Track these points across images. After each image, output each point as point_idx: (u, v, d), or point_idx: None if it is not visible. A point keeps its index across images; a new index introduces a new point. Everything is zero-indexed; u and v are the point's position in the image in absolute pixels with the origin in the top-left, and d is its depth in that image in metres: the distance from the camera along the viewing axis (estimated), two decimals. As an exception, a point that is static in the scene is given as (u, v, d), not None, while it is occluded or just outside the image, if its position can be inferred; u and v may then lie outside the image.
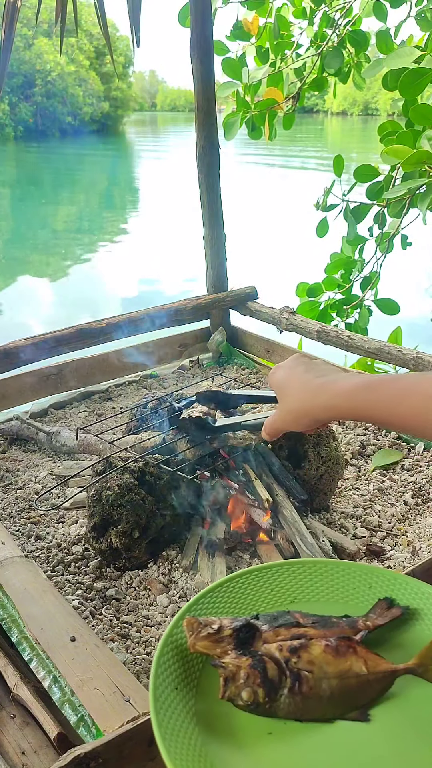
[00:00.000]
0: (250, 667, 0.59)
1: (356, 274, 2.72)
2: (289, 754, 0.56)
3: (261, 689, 0.58)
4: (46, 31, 25.92)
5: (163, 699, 0.59)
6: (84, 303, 6.70)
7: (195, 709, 0.59)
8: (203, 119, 2.28)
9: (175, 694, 0.60)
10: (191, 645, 0.63)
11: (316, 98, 4.28)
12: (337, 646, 0.63)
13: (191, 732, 0.57)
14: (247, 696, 0.58)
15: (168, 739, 0.54)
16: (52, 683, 0.94)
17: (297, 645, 0.62)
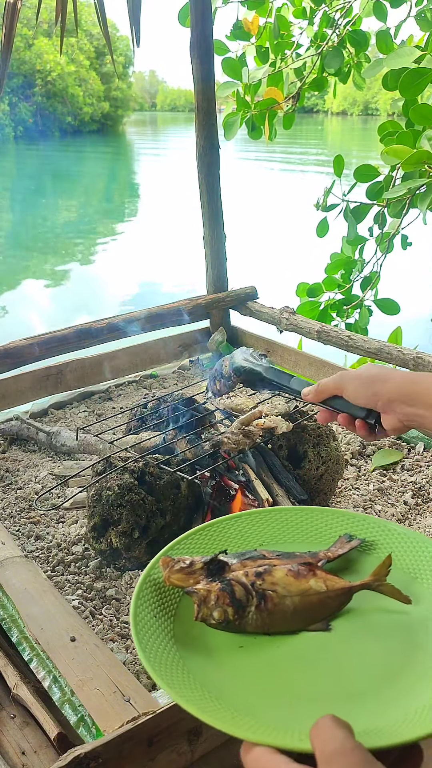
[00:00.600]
0: (220, 590, 0.66)
1: (356, 274, 2.72)
2: (258, 662, 0.63)
3: (230, 608, 0.66)
4: (46, 31, 25.92)
5: (143, 624, 0.65)
6: (83, 303, 6.70)
7: (173, 632, 0.66)
8: (203, 119, 2.28)
9: (154, 620, 0.66)
10: (166, 578, 0.69)
11: (316, 98, 4.28)
12: (298, 570, 0.70)
13: (170, 650, 0.63)
14: (219, 615, 0.66)
15: (150, 655, 0.60)
16: (52, 683, 0.94)
17: (261, 570, 0.70)
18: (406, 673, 0.61)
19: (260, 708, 0.57)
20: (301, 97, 2.94)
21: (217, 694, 0.59)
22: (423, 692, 0.58)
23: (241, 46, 2.92)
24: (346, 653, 0.64)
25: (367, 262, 2.69)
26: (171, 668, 0.60)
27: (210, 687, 0.59)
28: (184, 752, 0.92)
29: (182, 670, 0.60)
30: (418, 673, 0.60)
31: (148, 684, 1.08)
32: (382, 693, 0.59)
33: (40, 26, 19.77)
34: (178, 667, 0.61)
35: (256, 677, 0.61)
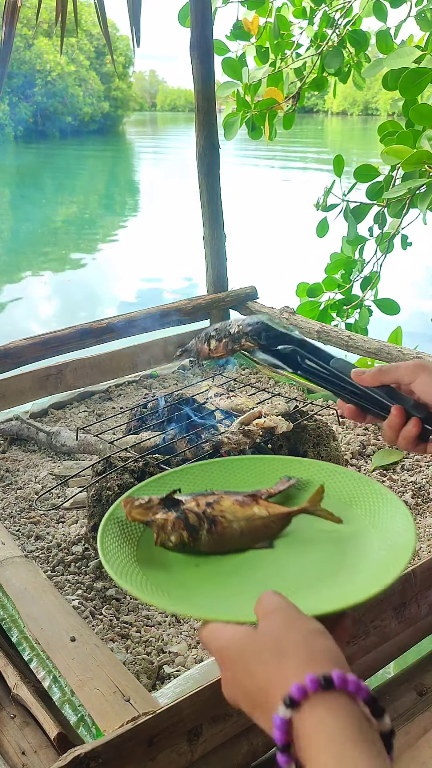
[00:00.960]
0: (176, 518, 0.76)
1: (356, 274, 2.72)
2: (211, 573, 0.74)
3: (185, 532, 0.75)
4: (46, 31, 25.90)
5: (109, 550, 0.74)
6: (83, 303, 6.70)
7: (137, 557, 0.75)
8: (203, 119, 2.28)
9: (118, 548, 0.76)
10: (127, 513, 0.78)
11: (316, 98, 4.28)
12: (243, 500, 0.81)
13: (134, 569, 0.72)
14: (175, 538, 0.75)
15: (115, 569, 0.70)
16: (52, 683, 0.94)
17: (211, 500, 0.80)
18: (338, 571, 0.71)
19: (213, 600, 0.68)
20: (301, 97, 2.94)
21: (175, 594, 0.69)
22: (350, 581, 0.68)
23: (241, 46, 2.92)
24: (287, 561, 0.75)
25: (367, 262, 2.69)
26: (136, 581, 0.70)
27: (170, 591, 0.69)
28: (184, 752, 0.92)
29: (145, 581, 0.70)
30: (348, 571, 0.71)
31: (149, 684, 1.08)
32: (317, 586, 0.69)
33: (40, 26, 19.76)
34: (141, 579, 0.70)
35: (210, 582, 0.72)
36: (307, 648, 0.51)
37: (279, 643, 0.52)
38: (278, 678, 0.50)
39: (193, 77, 2.24)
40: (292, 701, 0.46)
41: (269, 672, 0.51)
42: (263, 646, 0.53)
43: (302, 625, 0.53)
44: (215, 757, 0.98)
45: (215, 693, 0.92)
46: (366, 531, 0.77)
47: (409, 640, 1.27)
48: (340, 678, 0.47)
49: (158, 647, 1.17)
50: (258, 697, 0.51)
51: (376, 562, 0.70)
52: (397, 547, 0.71)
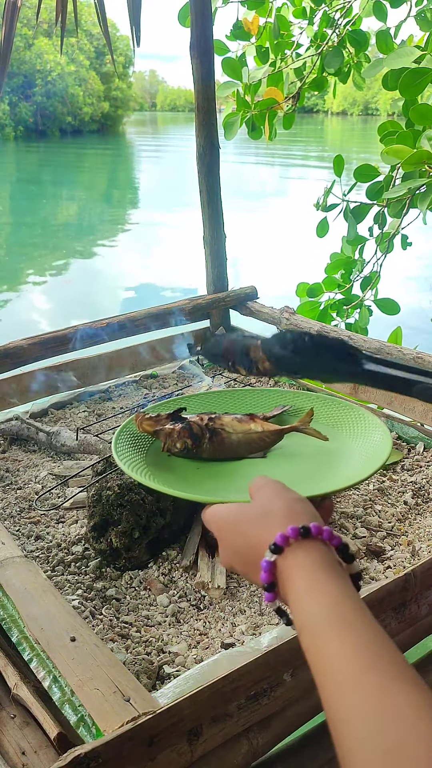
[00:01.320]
0: (181, 428, 0.87)
1: (356, 274, 2.72)
2: (211, 474, 0.85)
3: (189, 439, 0.86)
4: (46, 31, 25.92)
5: (122, 453, 0.85)
6: (84, 303, 6.70)
7: (145, 461, 0.87)
8: (203, 119, 2.28)
9: (130, 453, 0.86)
10: (138, 425, 0.89)
11: (316, 98, 4.27)
12: (241, 417, 0.92)
13: (143, 468, 0.83)
14: (180, 445, 0.86)
15: (128, 466, 0.82)
16: (52, 683, 0.94)
17: (213, 416, 0.91)
18: (321, 472, 0.81)
19: (211, 490, 0.79)
20: (301, 97, 2.94)
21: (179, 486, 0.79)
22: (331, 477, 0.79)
23: (241, 46, 2.92)
24: (278, 467, 0.86)
25: (367, 262, 2.69)
26: (145, 476, 0.81)
27: (174, 484, 0.79)
28: (184, 752, 0.92)
29: (153, 477, 0.81)
30: (330, 472, 0.81)
31: (149, 684, 1.08)
32: (303, 482, 0.77)
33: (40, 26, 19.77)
34: (149, 476, 0.82)
35: (209, 479, 0.83)
36: (290, 509, 0.60)
37: (266, 508, 0.61)
38: (266, 534, 0.58)
39: (193, 77, 2.24)
40: (276, 547, 0.56)
41: (258, 531, 0.60)
42: (253, 513, 0.62)
43: (286, 494, 0.63)
44: (215, 757, 0.98)
45: (215, 693, 0.92)
46: (348, 445, 0.88)
47: (409, 640, 1.27)
48: (316, 528, 0.56)
49: (158, 647, 1.17)
50: (249, 555, 0.60)
51: (355, 464, 0.81)
52: (374, 454, 0.81)
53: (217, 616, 1.24)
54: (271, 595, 0.57)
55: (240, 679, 0.95)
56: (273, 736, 1.07)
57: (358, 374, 0.72)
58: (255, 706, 1.02)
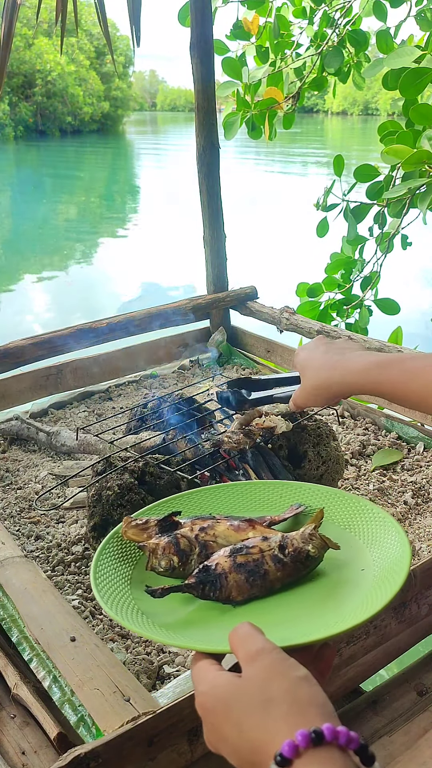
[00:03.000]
0: (167, 542, 0.75)
1: (356, 274, 2.72)
2: (200, 602, 0.72)
3: (175, 557, 0.75)
4: (46, 31, 25.92)
5: (102, 570, 0.75)
6: (84, 302, 6.70)
7: (131, 578, 0.75)
8: (203, 119, 2.28)
9: (115, 566, 0.77)
10: (123, 532, 0.79)
11: (316, 98, 4.27)
12: (238, 525, 0.79)
13: (125, 591, 0.73)
14: (165, 563, 0.75)
15: (103, 592, 0.71)
16: (52, 683, 0.94)
17: (205, 525, 0.78)
18: (326, 600, 0.70)
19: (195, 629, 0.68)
20: (301, 97, 2.94)
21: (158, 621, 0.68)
22: (336, 610, 0.67)
23: (241, 45, 2.92)
24: (281, 593, 0.73)
25: (367, 262, 2.69)
26: (121, 602, 0.70)
27: (154, 617, 0.69)
28: (184, 752, 0.92)
29: (131, 604, 0.70)
30: (336, 599, 0.69)
31: (149, 684, 1.08)
32: (304, 616, 0.68)
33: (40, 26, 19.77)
34: (128, 602, 0.71)
35: (197, 609, 0.71)
36: (295, 698, 0.49)
37: (264, 693, 0.50)
38: (267, 734, 0.48)
39: (193, 77, 2.24)
40: (284, 759, 0.45)
41: (256, 725, 0.49)
42: (249, 697, 0.50)
43: (288, 672, 0.51)
44: (215, 757, 0.98)
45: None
46: (362, 557, 0.75)
47: (409, 640, 1.27)
48: (330, 732, 0.45)
49: (158, 647, 1.17)
50: (247, 755, 0.50)
51: (365, 591, 0.69)
52: (388, 577, 0.69)
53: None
54: None
55: (240, 679, 0.95)
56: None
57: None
58: (255, 706, 1.02)
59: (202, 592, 0.71)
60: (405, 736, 1.07)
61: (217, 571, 0.71)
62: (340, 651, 1.08)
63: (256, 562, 0.72)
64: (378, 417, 1.96)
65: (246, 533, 0.77)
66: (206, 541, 0.76)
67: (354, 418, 2.01)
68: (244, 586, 0.71)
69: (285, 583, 0.73)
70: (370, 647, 1.14)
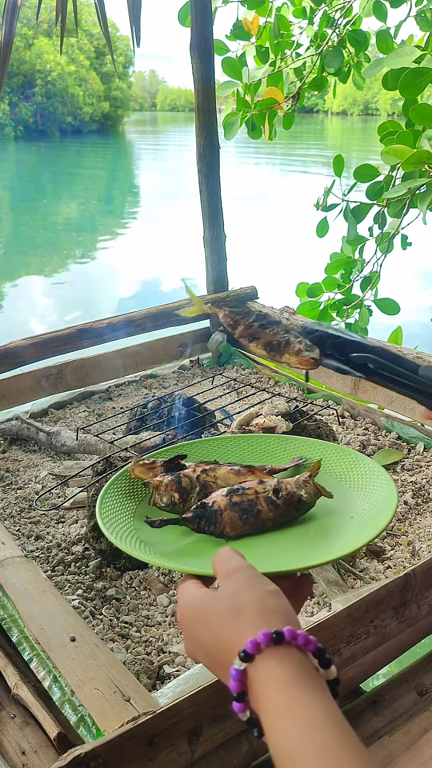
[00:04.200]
0: (170, 480, 0.80)
1: (356, 274, 2.71)
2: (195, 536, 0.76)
3: (176, 494, 0.79)
4: (46, 31, 25.90)
5: (108, 503, 0.79)
6: (83, 302, 6.69)
7: (135, 511, 0.80)
8: (203, 119, 2.28)
9: (119, 500, 0.81)
10: (131, 470, 0.83)
11: (316, 98, 4.27)
12: (239, 469, 0.83)
13: (128, 523, 0.77)
14: (167, 499, 0.79)
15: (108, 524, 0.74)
16: (52, 683, 0.94)
17: (206, 467, 0.82)
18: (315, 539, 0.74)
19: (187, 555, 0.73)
20: (301, 97, 2.94)
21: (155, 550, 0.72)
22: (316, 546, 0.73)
23: (241, 45, 2.92)
24: (272, 532, 0.77)
25: (367, 262, 2.69)
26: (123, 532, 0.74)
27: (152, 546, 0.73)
28: (184, 752, 0.92)
29: (132, 534, 0.75)
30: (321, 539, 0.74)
31: (149, 684, 1.08)
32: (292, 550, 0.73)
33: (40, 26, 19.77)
34: (130, 532, 0.75)
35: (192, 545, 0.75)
36: (262, 606, 0.54)
37: (236, 603, 0.55)
38: (234, 635, 0.53)
39: (193, 77, 2.24)
40: (246, 654, 0.50)
41: (226, 630, 0.54)
42: (221, 607, 0.56)
43: (258, 586, 0.56)
44: (215, 757, 0.98)
45: (215, 693, 0.92)
46: (353, 506, 0.79)
47: (409, 640, 1.27)
48: (290, 633, 0.50)
49: (158, 647, 1.17)
50: (217, 655, 0.55)
51: (349, 533, 0.73)
52: (371, 523, 0.73)
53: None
54: (241, 705, 0.52)
55: (240, 679, 0.95)
56: (273, 736, 1.06)
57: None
58: (255, 706, 1.02)
59: (198, 526, 0.76)
60: (405, 736, 1.07)
61: (213, 507, 0.76)
62: (340, 651, 1.08)
63: (250, 502, 0.76)
64: (378, 417, 1.96)
65: (245, 477, 0.82)
66: (206, 481, 0.80)
67: (354, 418, 2.01)
68: (237, 522, 0.76)
69: (276, 523, 0.77)
70: (370, 647, 1.14)
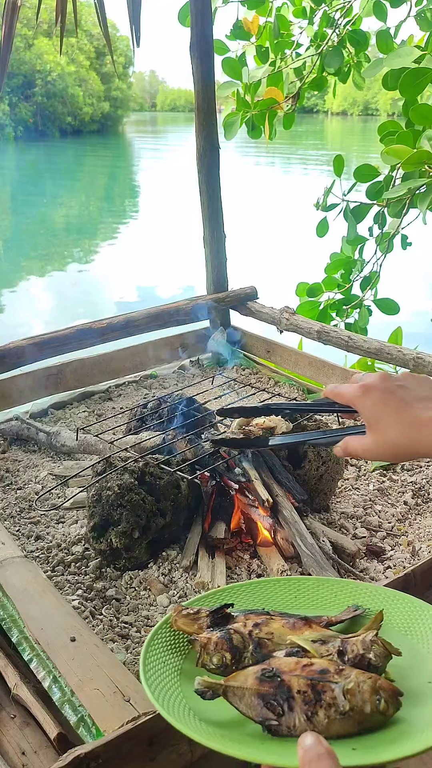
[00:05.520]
0: (219, 638, 0.71)
1: (356, 274, 2.71)
2: None
3: (228, 653, 0.70)
4: (46, 31, 25.88)
5: (152, 657, 0.70)
6: (83, 303, 6.69)
7: (182, 669, 0.71)
8: (203, 119, 2.28)
9: (164, 655, 0.72)
10: (173, 622, 0.75)
11: (316, 98, 4.27)
12: (294, 622, 0.74)
13: (175, 683, 0.68)
14: (217, 660, 0.70)
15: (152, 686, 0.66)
16: (52, 683, 0.94)
17: (259, 621, 0.74)
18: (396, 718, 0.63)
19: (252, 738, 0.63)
20: (301, 97, 2.94)
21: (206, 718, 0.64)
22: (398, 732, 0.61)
23: (241, 45, 2.92)
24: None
25: (367, 262, 2.69)
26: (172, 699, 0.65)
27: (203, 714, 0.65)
28: (184, 752, 0.92)
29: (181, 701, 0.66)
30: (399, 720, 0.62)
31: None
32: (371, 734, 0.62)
33: (40, 26, 19.77)
34: (178, 698, 0.66)
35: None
36: None
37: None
38: None
39: (193, 77, 2.24)
40: None
41: None
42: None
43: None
44: (215, 757, 0.98)
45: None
46: (426, 666, 0.70)
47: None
48: None
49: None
50: None
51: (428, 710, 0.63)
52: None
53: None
54: None
55: (240, 679, 0.95)
56: (273, 736, 1.07)
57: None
58: (255, 706, 1.02)
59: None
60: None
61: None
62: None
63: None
64: None
65: (302, 632, 0.73)
66: (260, 638, 0.72)
67: (354, 419, 2.01)
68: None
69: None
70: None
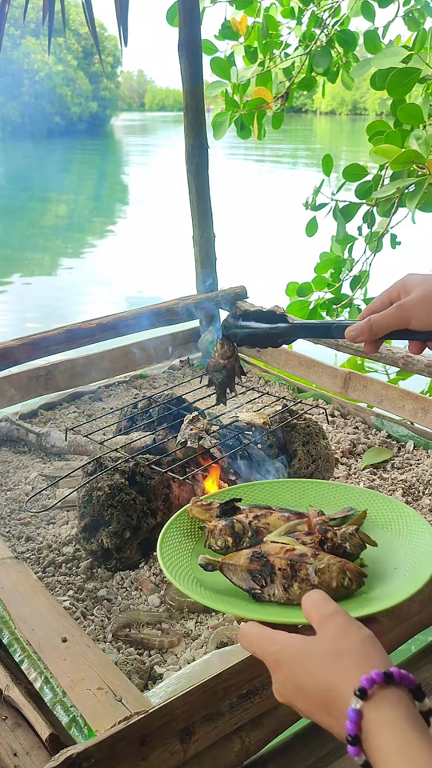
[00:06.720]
0: (224, 525, 0.86)
1: (346, 273, 2.72)
2: None
3: (230, 538, 0.85)
4: (34, 31, 25.79)
5: (169, 541, 0.86)
6: (73, 303, 6.68)
7: (193, 550, 0.87)
8: (192, 119, 2.28)
9: (180, 539, 0.88)
10: (189, 510, 0.91)
11: (305, 98, 4.28)
12: (289, 516, 0.88)
13: (185, 563, 0.83)
14: (221, 543, 0.85)
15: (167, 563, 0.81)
16: (43, 684, 0.94)
17: (259, 513, 0.89)
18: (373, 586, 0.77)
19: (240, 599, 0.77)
20: (289, 97, 2.94)
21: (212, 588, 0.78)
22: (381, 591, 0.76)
23: (229, 45, 2.92)
24: None
25: (357, 261, 2.70)
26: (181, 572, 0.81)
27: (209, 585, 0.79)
28: (176, 751, 0.92)
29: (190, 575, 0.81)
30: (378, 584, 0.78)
31: (140, 684, 1.08)
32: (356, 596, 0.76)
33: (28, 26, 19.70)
34: (188, 572, 0.81)
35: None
36: (363, 650, 0.57)
37: (338, 646, 0.57)
38: (339, 675, 0.56)
39: (181, 77, 2.24)
40: (363, 692, 0.52)
41: (329, 672, 0.56)
42: (323, 650, 0.58)
43: (357, 631, 0.59)
44: (208, 756, 0.98)
45: (207, 692, 0.92)
46: (396, 556, 0.83)
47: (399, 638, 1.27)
48: (397, 673, 0.54)
49: (150, 648, 1.17)
50: (320, 696, 0.57)
51: (404, 576, 0.77)
52: (420, 566, 0.78)
53: (209, 615, 1.24)
54: (356, 749, 0.52)
55: (232, 678, 0.96)
56: (265, 735, 1.07)
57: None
58: (247, 705, 1.02)
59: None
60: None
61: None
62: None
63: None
64: (368, 416, 1.97)
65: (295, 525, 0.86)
66: (258, 527, 0.86)
67: (344, 417, 2.01)
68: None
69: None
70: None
